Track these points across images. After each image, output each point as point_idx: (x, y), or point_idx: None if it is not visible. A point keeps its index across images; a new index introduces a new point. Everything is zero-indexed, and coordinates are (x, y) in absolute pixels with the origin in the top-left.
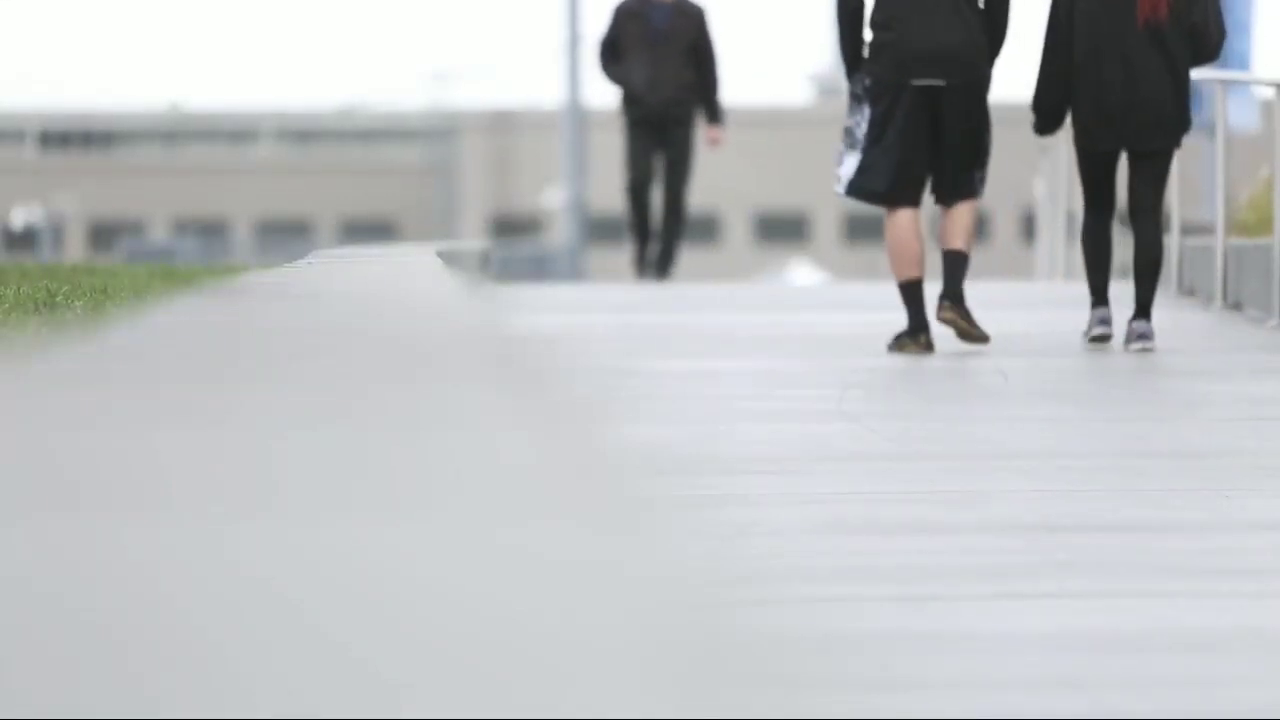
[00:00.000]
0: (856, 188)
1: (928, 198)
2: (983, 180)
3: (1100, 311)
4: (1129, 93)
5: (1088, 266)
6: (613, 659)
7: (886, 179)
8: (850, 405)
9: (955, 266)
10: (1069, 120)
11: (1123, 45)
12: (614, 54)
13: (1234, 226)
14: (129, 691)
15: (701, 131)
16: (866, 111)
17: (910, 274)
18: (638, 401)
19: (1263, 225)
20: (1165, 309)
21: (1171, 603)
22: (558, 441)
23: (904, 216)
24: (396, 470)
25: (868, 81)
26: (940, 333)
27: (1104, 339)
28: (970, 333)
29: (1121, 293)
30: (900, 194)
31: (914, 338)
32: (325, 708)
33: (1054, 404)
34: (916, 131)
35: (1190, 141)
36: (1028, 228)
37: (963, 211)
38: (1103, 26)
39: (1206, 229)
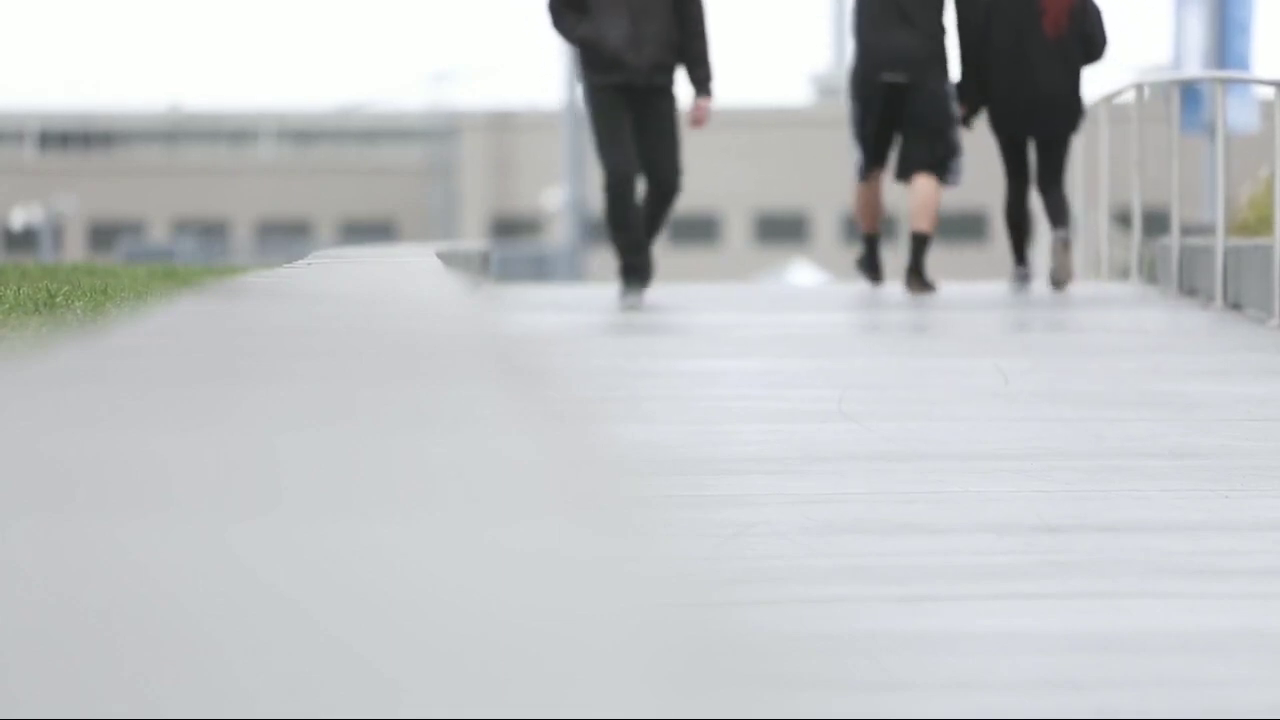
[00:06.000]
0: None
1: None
2: (957, 172)
3: (1021, 269)
4: (1034, 91)
5: (1011, 232)
6: (612, 658)
7: (867, 156)
8: (850, 405)
9: (920, 246)
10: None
11: (1030, 52)
12: (573, 2)
13: (1234, 226)
14: (129, 691)
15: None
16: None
17: (874, 228)
18: (638, 401)
19: (1263, 225)
20: (1165, 309)
21: (1171, 603)
22: (557, 441)
23: (874, 183)
24: (396, 470)
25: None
26: (945, 337)
27: (1025, 285)
28: (929, 292)
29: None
30: (875, 165)
31: (869, 271)
32: (325, 708)
33: (1054, 404)
34: (887, 118)
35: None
36: None
37: (924, 189)
38: (1014, 36)
39: (1206, 229)
